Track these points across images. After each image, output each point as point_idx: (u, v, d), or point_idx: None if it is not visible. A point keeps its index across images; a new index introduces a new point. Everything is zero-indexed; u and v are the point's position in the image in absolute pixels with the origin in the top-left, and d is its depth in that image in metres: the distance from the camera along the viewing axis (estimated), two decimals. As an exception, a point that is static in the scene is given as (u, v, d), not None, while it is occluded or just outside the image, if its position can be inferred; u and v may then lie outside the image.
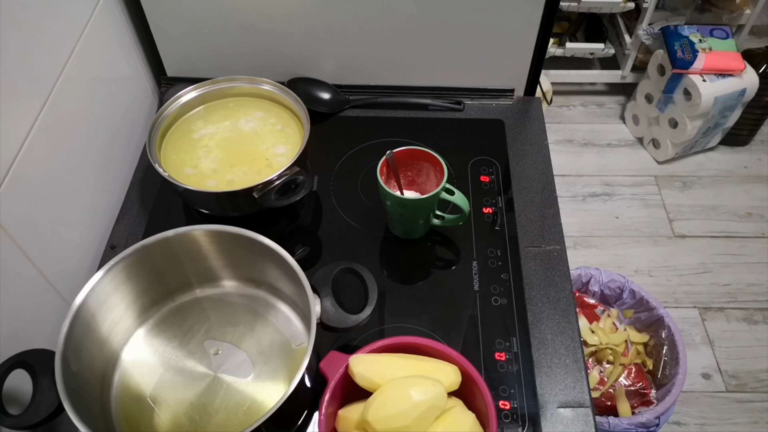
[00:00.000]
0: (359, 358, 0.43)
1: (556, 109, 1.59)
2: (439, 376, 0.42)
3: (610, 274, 1.09)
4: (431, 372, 0.43)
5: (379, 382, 0.42)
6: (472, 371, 0.43)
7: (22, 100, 0.48)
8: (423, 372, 0.43)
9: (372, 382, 0.42)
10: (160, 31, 0.68)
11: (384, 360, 0.44)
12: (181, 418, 0.47)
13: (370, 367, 0.43)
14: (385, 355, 0.44)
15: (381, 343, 0.45)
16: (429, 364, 0.44)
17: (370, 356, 0.44)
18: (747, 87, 1.28)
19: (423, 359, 0.44)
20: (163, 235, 0.49)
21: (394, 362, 0.43)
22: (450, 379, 0.43)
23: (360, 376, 0.42)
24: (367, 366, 0.43)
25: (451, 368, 0.44)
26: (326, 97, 0.72)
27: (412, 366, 0.43)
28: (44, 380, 0.42)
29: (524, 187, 0.65)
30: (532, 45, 0.68)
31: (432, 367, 0.43)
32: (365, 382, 0.42)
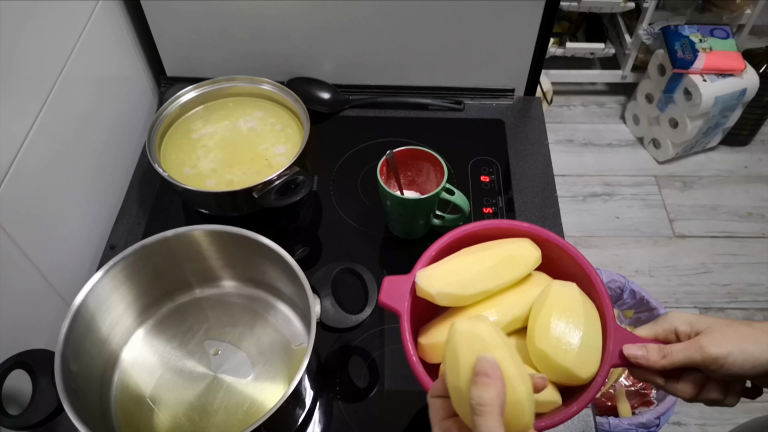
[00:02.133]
0: (427, 275, 0.37)
1: (557, 108, 1.59)
2: (520, 257, 0.37)
3: (610, 275, 1.09)
4: (510, 257, 0.37)
5: (463, 294, 0.36)
6: (546, 234, 0.38)
7: (21, 100, 0.48)
8: (502, 260, 0.37)
9: (455, 297, 0.36)
10: (160, 31, 0.68)
11: (457, 265, 0.38)
12: (180, 419, 0.47)
13: (448, 280, 0.37)
14: (451, 260, 0.38)
15: (436, 248, 0.39)
16: (501, 249, 0.38)
17: (438, 267, 0.38)
18: (747, 87, 1.28)
19: (492, 246, 0.39)
20: (163, 235, 0.48)
21: (467, 263, 0.37)
22: (532, 255, 0.38)
23: (442, 295, 0.36)
24: (443, 279, 0.37)
25: (525, 243, 0.39)
26: (326, 96, 0.72)
27: (487, 259, 0.37)
28: (44, 380, 0.42)
29: (524, 187, 0.65)
30: (532, 45, 0.68)
31: (507, 250, 0.38)
32: (448, 299, 0.36)
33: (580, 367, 0.34)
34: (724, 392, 0.35)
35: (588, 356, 0.35)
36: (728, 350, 0.32)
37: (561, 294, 0.37)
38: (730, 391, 0.35)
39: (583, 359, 0.34)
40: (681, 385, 0.35)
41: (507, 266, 0.38)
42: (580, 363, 0.34)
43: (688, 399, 0.35)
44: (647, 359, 0.34)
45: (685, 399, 0.35)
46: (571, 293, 0.37)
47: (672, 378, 0.36)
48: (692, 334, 0.35)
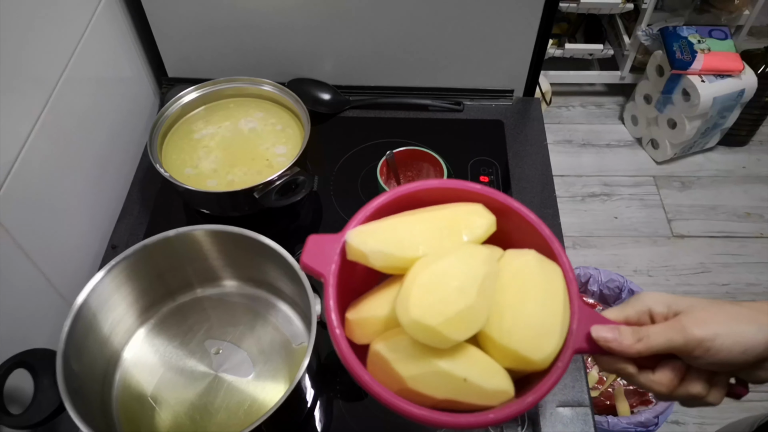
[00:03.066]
0: (361, 231, 0.31)
1: (556, 109, 1.59)
2: (471, 220, 0.32)
3: (609, 274, 1.09)
4: (459, 221, 0.32)
5: (403, 255, 0.30)
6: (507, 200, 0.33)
7: (23, 101, 0.48)
8: (449, 224, 0.31)
9: (393, 259, 0.30)
10: (161, 31, 0.69)
11: (396, 225, 0.32)
12: (181, 418, 0.47)
13: (384, 238, 0.31)
14: (389, 219, 0.32)
15: (375, 204, 0.33)
16: (450, 211, 0.32)
17: (375, 226, 0.32)
18: (746, 87, 1.29)
19: (440, 208, 0.33)
20: (164, 235, 0.49)
21: (408, 223, 0.32)
22: (485, 220, 0.32)
23: (376, 255, 0.30)
24: (380, 237, 0.31)
25: (478, 208, 0.33)
26: (326, 97, 0.72)
27: (431, 221, 0.32)
28: (45, 380, 0.42)
29: (524, 187, 0.65)
30: (531, 46, 0.68)
31: (456, 213, 0.32)
32: (384, 260, 0.30)
33: (532, 349, 0.28)
34: (707, 386, 0.29)
35: (542, 336, 0.28)
36: (715, 331, 0.27)
37: (512, 264, 0.31)
38: (714, 384, 0.29)
39: (536, 339, 0.28)
40: (657, 375, 0.29)
41: (455, 231, 0.31)
42: (530, 344, 0.28)
43: (665, 394, 0.29)
44: (620, 343, 0.28)
45: (661, 394, 0.30)
46: (525, 262, 0.31)
47: (646, 368, 0.30)
48: (670, 316, 0.30)
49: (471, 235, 0.31)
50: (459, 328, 0.28)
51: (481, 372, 0.29)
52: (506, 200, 0.33)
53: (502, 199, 0.33)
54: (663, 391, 0.30)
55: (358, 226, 0.33)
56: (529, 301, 0.29)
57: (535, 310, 0.29)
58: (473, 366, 0.29)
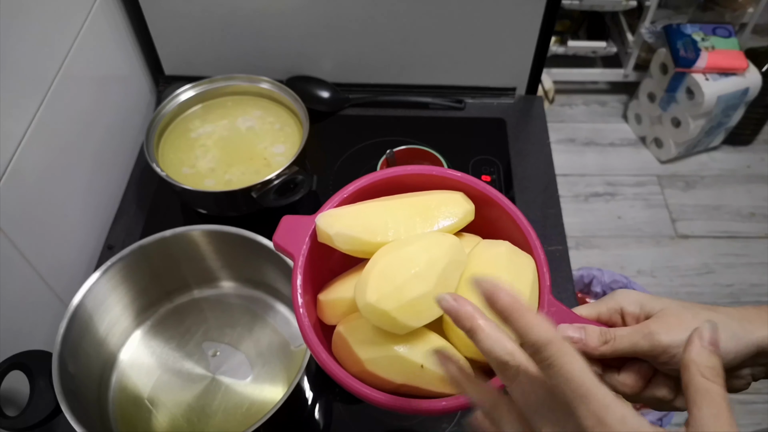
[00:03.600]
0: (331, 215, 0.31)
1: (558, 107, 1.58)
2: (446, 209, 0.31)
3: (612, 275, 1.08)
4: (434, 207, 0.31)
5: (370, 240, 0.30)
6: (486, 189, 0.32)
7: (19, 99, 0.47)
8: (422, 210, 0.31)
9: (359, 242, 0.30)
10: (158, 29, 0.68)
11: (366, 209, 0.32)
12: (179, 420, 0.47)
13: (351, 222, 0.30)
14: (365, 204, 0.32)
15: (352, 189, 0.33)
16: (426, 198, 0.32)
17: (345, 209, 0.32)
18: (750, 86, 1.28)
19: (416, 195, 0.32)
20: (161, 235, 0.48)
21: (379, 208, 0.31)
22: (461, 209, 0.31)
23: (341, 237, 0.30)
24: (347, 221, 0.31)
25: (456, 196, 0.32)
26: (325, 95, 0.71)
27: (405, 207, 0.31)
28: (41, 382, 0.42)
29: (526, 186, 0.64)
30: (533, 43, 0.68)
31: (432, 201, 0.31)
32: (349, 243, 0.30)
33: None
34: (674, 390, 0.28)
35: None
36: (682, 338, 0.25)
37: (483, 254, 0.30)
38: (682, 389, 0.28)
39: None
40: (622, 376, 0.29)
41: (429, 218, 0.31)
42: None
43: (630, 395, 0.29)
44: (584, 343, 0.28)
45: (626, 395, 0.29)
46: (496, 253, 0.30)
47: (612, 368, 0.29)
48: (642, 317, 0.29)
49: (445, 222, 0.31)
50: (414, 314, 0.28)
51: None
52: (486, 189, 0.33)
53: (482, 188, 0.33)
54: (627, 392, 0.29)
55: (330, 209, 0.32)
56: None
57: None
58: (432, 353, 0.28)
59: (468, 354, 0.29)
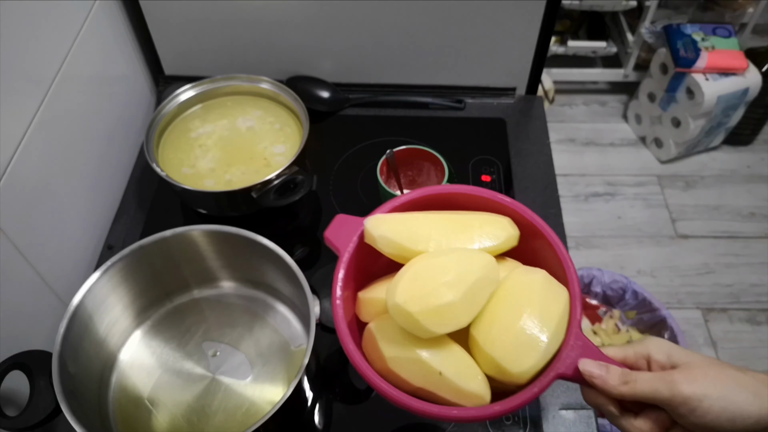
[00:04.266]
0: (379, 218, 0.33)
1: (558, 107, 1.58)
2: (490, 230, 0.32)
3: (612, 275, 1.08)
4: (478, 227, 0.32)
5: (411, 247, 0.32)
6: (533, 219, 0.33)
7: (18, 99, 0.47)
8: (466, 228, 0.32)
9: (400, 248, 0.32)
10: (158, 29, 0.68)
11: (413, 218, 0.33)
12: (179, 420, 0.47)
13: (396, 228, 0.32)
14: (411, 213, 0.34)
15: (405, 199, 0.34)
16: (473, 217, 0.34)
17: (394, 215, 0.33)
18: (750, 86, 1.28)
19: (464, 213, 0.34)
20: (161, 235, 0.48)
21: (426, 219, 0.33)
22: (505, 233, 0.33)
23: (383, 240, 0.32)
24: (392, 226, 0.32)
25: (503, 220, 0.33)
26: (326, 95, 0.71)
27: (450, 222, 0.33)
28: (41, 382, 0.42)
29: (526, 186, 0.64)
30: (533, 43, 0.68)
31: (477, 221, 0.33)
32: (391, 247, 0.32)
33: (510, 360, 0.29)
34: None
35: (524, 351, 0.29)
36: (704, 392, 0.25)
37: (519, 279, 0.32)
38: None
39: (517, 352, 0.29)
40: (639, 422, 0.29)
41: (471, 236, 0.32)
42: (511, 355, 0.29)
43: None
44: (605, 381, 0.28)
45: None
46: (531, 280, 0.31)
47: (629, 412, 0.29)
48: (667, 366, 0.29)
49: (486, 242, 0.32)
50: (438, 321, 0.29)
51: (459, 371, 0.30)
52: (533, 218, 0.34)
53: (529, 217, 0.34)
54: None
55: (379, 214, 0.34)
56: (522, 316, 0.30)
57: (526, 325, 0.29)
58: (452, 364, 0.30)
59: (489, 372, 0.30)
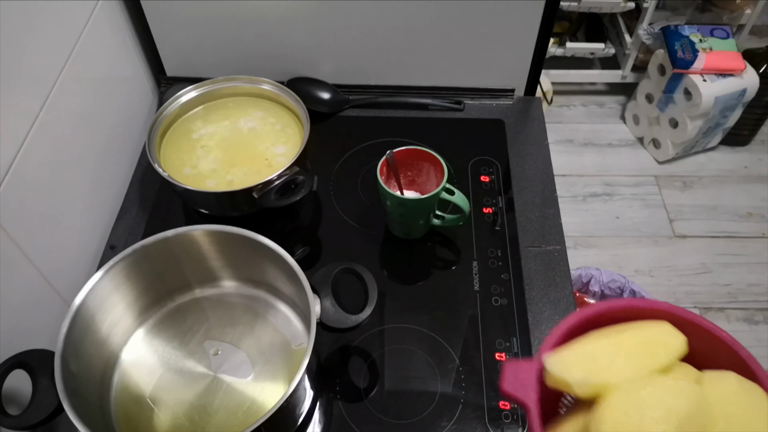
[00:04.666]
0: (558, 358, 0.32)
1: (557, 108, 1.59)
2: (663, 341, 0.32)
3: (610, 275, 1.09)
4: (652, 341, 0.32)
5: (606, 382, 0.31)
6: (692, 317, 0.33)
7: (21, 100, 0.48)
8: (644, 345, 0.32)
9: (596, 387, 0.31)
10: (160, 30, 0.68)
11: (591, 351, 0.32)
12: (180, 419, 0.47)
13: (583, 365, 0.31)
14: (586, 343, 0.33)
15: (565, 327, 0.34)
16: (641, 332, 0.33)
17: (567, 351, 0.33)
18: (747, 87, 1.28)
19: (629, 328, 0.33)
20: (163, 235, 0.48)
21: (604, 347, 0.32)
22: (678, 341, 0.32)
23: (580, 384, 0.31)
24: (578, 364, 0.31)
25: (666, 327, 0.33)
26: (326, 96, 0.72)
27: (627, 343, 0.32)
28: (44, 380, 0.42)
29: (524, 187, 0.65)
30: (532, 45, 0.68)
31: (647, 334, 0.32)
32: (588, 389, 0.31)
33: None
34: None
35: None
36: None
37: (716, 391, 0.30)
38: None
39: None
40: None
41: (648, 351, 0.32)
42: None
43: None
44: None
45: None
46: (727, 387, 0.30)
47: None
48: None
49: (666, 356, 0.32)
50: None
51: None
52: (694, 318, 0.33)
53: (690, 317, 0.33)
54: None
55: (553, 353, 0.33)
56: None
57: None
58: None
59: None
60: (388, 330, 0.54)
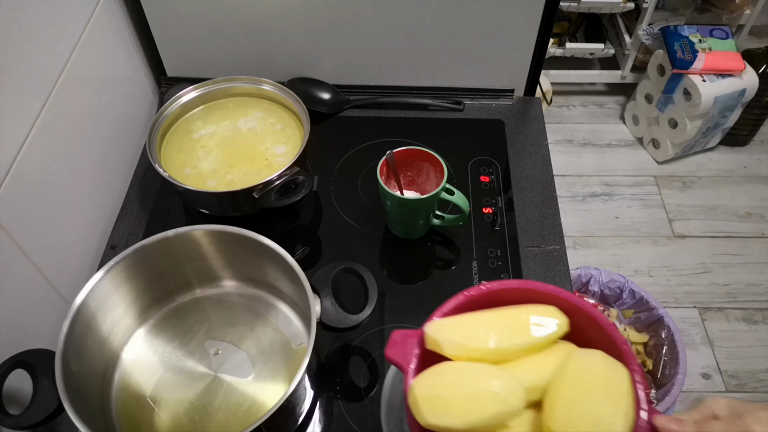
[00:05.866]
0: (437, 323, 0.36)
1: (556, 109, 1.59)
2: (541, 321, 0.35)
3: (609, 274, 1.09)
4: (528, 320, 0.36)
5: (474, 346, 0.35)
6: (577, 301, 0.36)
7: (22, 100, 0.48)
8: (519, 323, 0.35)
9: (464, 348, 0.35)
10: (160, 31, 0.69)
11: (470, 319, 0.36)
12: (181, 418, 0.47)
13: (458, 330, 0.35)
14: (465, 315, 0.37)
15: (450, 306, 0.37)
16: (522, 311, 0.36)
17: (451, 319, 0.36)
18: (747, 87, 1.28)
19: (513, 308, 0.37)
20: (163, 235, 0.49)
21: (482, 319, 0.36)
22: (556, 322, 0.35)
23: (448, 343, 0.34)
24: (453, 329, 0.35)
25: (550, 310, 0.36)
26: (326, 97, 0.72)
27: (504, 319, 0.36)
28: (44, 380, 0.42)
29: (524, 187, 0.65)
30: (532, 45, 0.68)
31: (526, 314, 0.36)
32: (455, 348, 0.35)
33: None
34: None
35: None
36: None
37: (580, 363, 0.34)
38: None
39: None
40: None
41: (528, 327, 0.35)
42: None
43: None
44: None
45: None
46: (592, 362, 0.33)
47: None
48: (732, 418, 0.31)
49: (543, 334, 0.35)
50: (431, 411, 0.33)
51: None
52: (578, 301, 0.36)
53: (574, 301, 0.36)
54: None
55: (436, 320, 0.36)
56: (595, 402, 0.31)
57: (601, 410, 0.31)
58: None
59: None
60: (388, 330, 0.54)
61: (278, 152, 0.60)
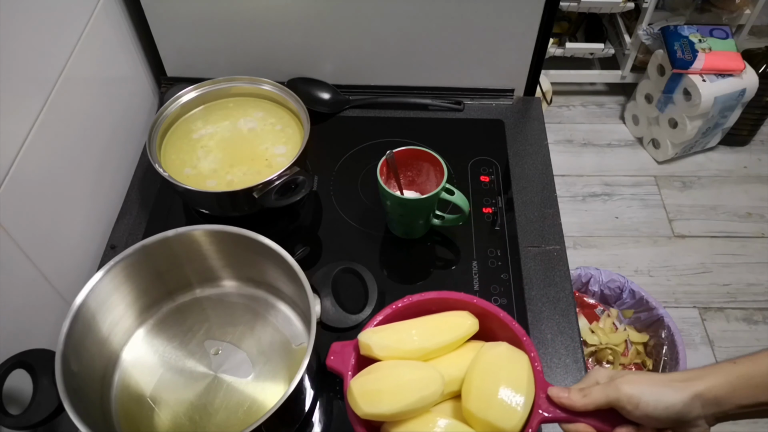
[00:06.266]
0: (369, 331, 0.41)
1: (556, 109, 1.59)
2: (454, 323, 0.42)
3: (609, 274, 1.09)
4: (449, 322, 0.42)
5: (400, 347, 0.41)
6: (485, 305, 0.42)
7: (22, 100, 0.48)
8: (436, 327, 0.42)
9: (391, 349, 0.41)
10: (160, 31, 0.69)
11: (396, 326, 0.42)
12: (181, 418, 0.47)
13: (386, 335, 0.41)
14: (395, 323, 0.43)
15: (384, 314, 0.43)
16: (439, 318, 0.43)
17: (381, 328, 0.42)
18: (747, 87, 1.28)
19: (433, 316, 0.43)
20: (163, 235, 0.49)
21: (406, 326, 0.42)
22: (466, 323, 0.42)
23: (377, 346, 0.40)
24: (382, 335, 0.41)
25: (462, 314, 0.43)
26: (326, 97, 0.72)
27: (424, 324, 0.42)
28: (44, 380, 0.42)
29: (524, 187, 0.65)
30: (531, 45, 0.68)
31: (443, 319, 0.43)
32: (384, 350, 0.40)
33: (502, 419, 0.37)
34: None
35: (509, 408, 0.37)
36: (641, 390, 0.35)
37: (488, 354, 0.40)
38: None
39: (504, 412, 0.37)
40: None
41: (444, 329, 0.42)
42: (501, 415, 0.37)
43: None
44: (570, 399, 0.37)
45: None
46: (497, 352, 0.40)
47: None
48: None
49: (455, 334, 0.41)
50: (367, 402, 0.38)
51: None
52: (486, 305, 0.43)
53: (483, 305, 0.43)
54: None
55: (368, 329, 0.42)
56: (501, 384, 0.38)
57: (507, 391, 0.38)
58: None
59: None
60: (388, 330, 0.54)
61: (278, 152, 0.60)
